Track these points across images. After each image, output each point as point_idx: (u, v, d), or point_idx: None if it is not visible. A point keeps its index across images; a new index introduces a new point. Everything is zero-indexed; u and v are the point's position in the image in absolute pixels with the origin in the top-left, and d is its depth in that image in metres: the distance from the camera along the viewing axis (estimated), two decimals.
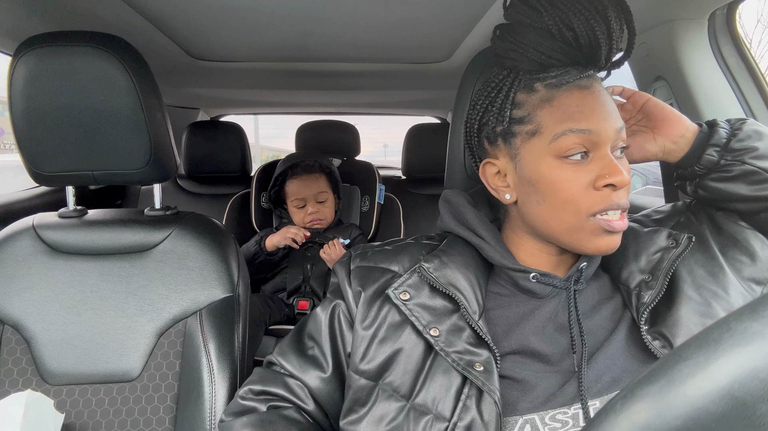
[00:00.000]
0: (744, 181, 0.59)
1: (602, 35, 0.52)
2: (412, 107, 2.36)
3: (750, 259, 0.58)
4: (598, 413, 0.26)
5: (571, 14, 0.52)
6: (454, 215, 0.63)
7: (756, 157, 0.58)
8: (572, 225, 0.54)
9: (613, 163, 0.52)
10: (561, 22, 0.52)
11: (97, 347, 0.79)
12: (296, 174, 1.62)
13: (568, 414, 0.51)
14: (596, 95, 0.53)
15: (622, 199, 0.53)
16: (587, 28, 0.52)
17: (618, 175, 0.51)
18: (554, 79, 0.54)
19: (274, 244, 1.53)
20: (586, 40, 0.52)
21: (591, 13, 0.52)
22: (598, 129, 0.52)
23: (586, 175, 0.53)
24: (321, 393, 0.61)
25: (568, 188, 0.53)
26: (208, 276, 0.82)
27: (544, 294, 0.57)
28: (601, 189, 0.52)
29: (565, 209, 0.54)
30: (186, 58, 1.36)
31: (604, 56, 0.54)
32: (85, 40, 0.75)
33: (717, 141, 0.60)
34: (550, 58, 0.54)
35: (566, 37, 0.53)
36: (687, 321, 0.53)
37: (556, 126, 0.53)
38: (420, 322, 0.54)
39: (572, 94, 0.53)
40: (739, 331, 0.22)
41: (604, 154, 0.52)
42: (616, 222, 0.53)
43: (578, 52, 0.53)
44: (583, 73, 0.54)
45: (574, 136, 0.52)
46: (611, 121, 0.53)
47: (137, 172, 0.82)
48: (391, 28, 1.10)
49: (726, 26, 0.89)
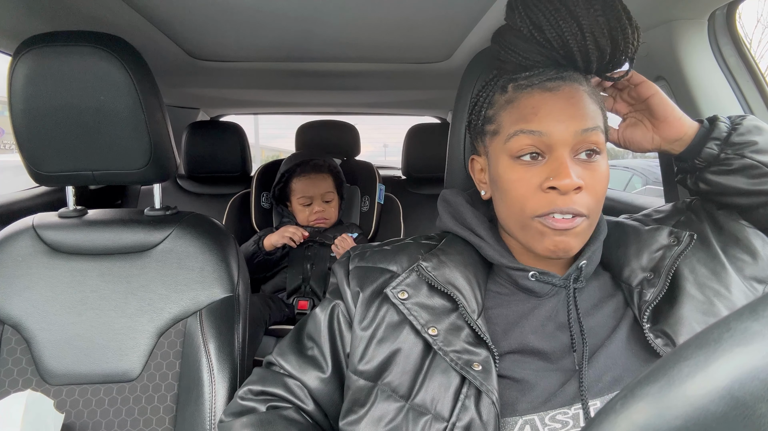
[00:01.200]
0: (743, 175, 0.59)
1: (572, 35, 0.52)
2: (412, 107, 2.36)
3: (751, 258, 0.59)
4: (598, 413, 0.26)
5: (541, 15, 0.52)
6: (452, 215, 0.64)
7: (756, 151, 0.59)
8: (521, 225, 0.55)
9: (562, 166, 0.51)
10: (531, 23, 0.53)
11: (97, 347, 0.79)
12: (305, 172, 1.62)
13: (568, 415, 0.50)
14: (560, 97, 0.52)
15: (569, 204, 0.51)
16: (556, 28, 0.52)
17: (563, 178, 0.50)
18: (524, 80, 0.54)
19: (272, 244, 1.53)
20: (557, 41, 0.52)
21: (561, 14, 0.51)
22: (551, 131, 0.51)
23: (536, 177, 0.53)
24: (320, 394, 0.61)
25: (517, 188, 0.54)
26: (208, 276, 0.82)
27: (543, 292, 0.57)
28: (546, 191, 0.52)
29: (515, 208, 0.54)
30: (186, 58, 1.36)
31: (581, 58, 0.53)
32: (85, 40, 0.75)
33: (717, 135, 0.60)
34: (527, 59, 0.54)
35: (537, 39, 0.53)
36: (690, 319, 0.53)
37: (510, 126, 0.54)
38: (418, 321, 0.54)
39: (533, 96, 0.53)
40: (739, 331, 0.22)
41: (557, 156, 0.52)
42: (558, 222, 0.51)
43: (555, 54, 0.53)
44: (558, 74, 0.54)
45: (525, 137, 0.52)
46: (569, 124, 0.51)
47: (137, 172, 0.82)
48: (391, 28, 1.10)
49: (726, 26, 0.89)
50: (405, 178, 2.03)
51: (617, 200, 1.29)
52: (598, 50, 0.53)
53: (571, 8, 0.51)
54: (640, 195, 2.95)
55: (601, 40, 0.52)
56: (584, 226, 0.53)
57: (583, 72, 0.55)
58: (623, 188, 4.08)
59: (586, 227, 0.53)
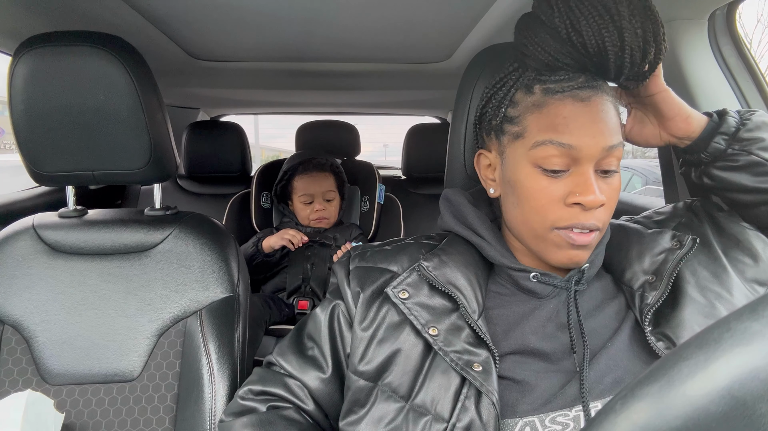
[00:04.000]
0: (748, 172, 0.59)
1: (612, 45, 0.50)
2: (412, 107, 2.36)
3: (753, 260, 0.58)
4: (598, 413, 0.26)
5: (582, 18, 0.50)
6: (454, 214, 0.63)
7: (763, 149, 0.58)
8: (538, 234, 0.55)
9: (588, 182, 0.51)
10: (570, 24, 0.51)
11: (97, 347, 0.79)
12: (307, 170, 1.63)
13: (569, 416, 0.50)
14: (592, 109, 0.51)
15: (590, 220, 0.52)
16: (597, 35, 0.50)
17: (589, 194, 0.50)
18: (554, 83, 0.53)
19: (271, 246, 1.53)
20: (594, 48, 0.51)
21: (604, 21, 0.50)
22: (581, 145, 0.51)
23: (560, 189, 0.52)
24: (320, 394, 0.61)
25: (539, 198, 0.53)
26: (208, 276, 0.82)
27: (544, 293, 0.57)
28: (570, 205, 0.52)
29: (533, 217, 0.54)
30: (186, 58, 1.36)
31: (614, 68, 0.52)
32: (85, 40, 0.75)
33: (726, 130, 0.59)
34: (557, 60, 0.53)
35: (574, 42, 0.51)
36: (691, 322, 0.53)
37: (539, 134, 0.53)
38: (419, 321, 0.54)
39: (564, 104, 0.52)
40: (739, 331, 0.22)
41: (583, 171, 0.51)
42: (578, 237, 0.52)
43: (587, 60, 0.52)
44: (588, 83, 0.52)
45: (554, 148, 0.51)
46: (599, 139, 0.51)
47: (137, 172, 0.82)
48: (391, 29, 1.10)
49: (726, 26, 0.89)
50: (405, 178, 2.03)
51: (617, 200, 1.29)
52: (631, 62, 0.51)
53: (615, 17, 0.50)
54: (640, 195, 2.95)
55: (636, 53, 0.51)
56: (596, 240, 0.54)
57: (618, 81, 0.54)
58: (623, 188, 4.08)
59: (598, 239, 0.54)
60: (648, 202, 1.22)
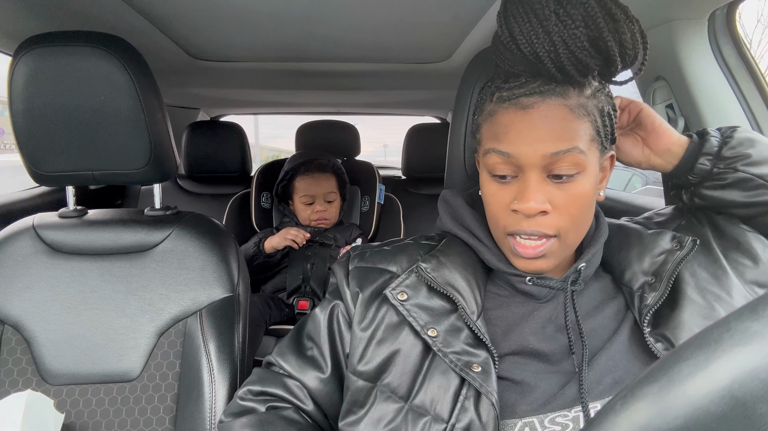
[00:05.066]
0: (738, 188, 0.59)
1: (543, 50, 0.49)
2: (412, 107, 2.36)
3: (752, 262, 0.58)
4: (598, 413, 0.26)
5: (515, 26, 0.50)
6: (452, 215, 0.63)
7: (749, 164, 0.58)
8: (498, 238, 0.57)
9: (527, 190, 0.51)
10: (509, 33, 0.51)
11: (97, 347, 0.79)
12: (309, 171, 1.63)
13: (568, 417, 0.50)
14: (533, 116, 0.50)
15: (533, 227, 0.51)
16: (528, 41, 0.50)
17: (525, 202, 0.50)
18: (506, 91, 0.53)
19: (273, 246, 1.53)
20: (532, 55, 0.50)
21: (533, 26, 0.49)
22: (518, 153, 0.51)
23: (507, 195, 0.53)
24: (320, 394, 0.61)
25: (492, 203, 0.55)
26: (208, 276, 0.82)
27: (541, 295, 0.57)
28: (513, 212, 0.52)
29: (492, 222, 0.57)
30: (186, 58, 1.36)
31: (557, 71, 0.50)
32: (85, 40, 0.75)
33: (709, 150, 0.60)
34: (513, 68, 0.53)
35: (513, 50, 0.51)
36: (690, 323, 0.53)
37: (486, 142, 0.54)
38: (418, 322, 0.54)
39: (508, 113, 0.52)
40: (739, 331, 0.22)
41: (526, 178, 0.51)
42: (523, 249, 0.53)
43: (532, 65, 0.51)
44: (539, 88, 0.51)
45: (496, 156, 0.52)
46: (538, 146, 0.50)
47: (137, 172, 0.82)
48: (391, 29, 1.10)
49: (726, 26, 0.89)
50: (405, 178, 2.03)
51: (617, 200, 1.29)
52: (577, 62, 0.49)
53: (543, 21, 0.49)
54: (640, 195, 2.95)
55: (580, 53, 0.49)
56: (555, 247, 0.53)
57: (570, 83, 0.51)
58: (623, 188, 4.08)
59: (559, 246, 0.53)
60: (648, 202, 1.22)
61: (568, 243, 0.54)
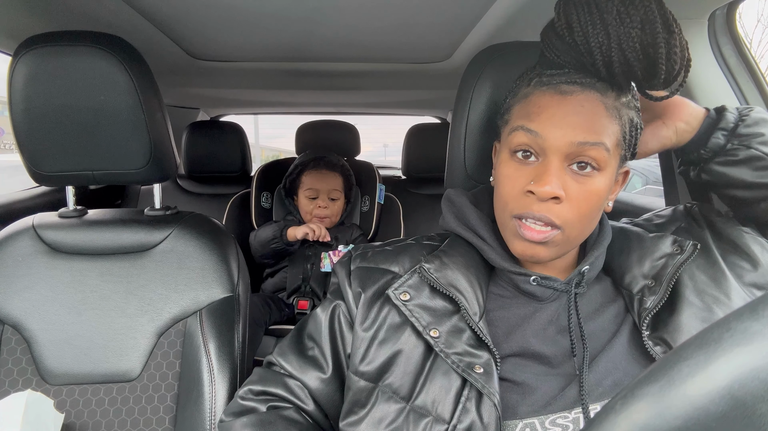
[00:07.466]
0: (748, 166, 0.59)
1: (596, 44, 0.50)
2: (412, 107, 2.36)
3: (751, 265, 0.58)
4: (598, 413, 0.26)
5: (574, 15, 0.51)
6: (456, 215, 0.63)
7: (763, 143, 0.58)
8: (502, 222, 0.56)
9: (547, 173, 0.50)
10: (565, 22, 0.51)
11: (97, 347, 0.79)
12: (317, 167, 1.64)
13: (568, 419, 0.50)
14: (569, 102, 0.51)
15: (542, 211, 0.51)
16: (584, 32, 0.50)
17: (543, 185, 0.50)
18: (547, 77, 0.54)
19: (295, 236, 1.54)
20: (584, 46, 0.51)
21: (593, 19, 0.49)
22: (547, 135, 0.51)
23: (524, 177, 0.53)
24: (321, 394, 0.61)
25: (506, 184, 0.54)
26: (208, 276, 0.82)
27: (544, 296, 0.57)
28: (526, 193, 0.52)
29: (499, 204, 0.56)
30: (186, 58, 1.36)
31: (604, 68, 0.51)
32: (85, 40, 0.75)
33: (725, 125, 0.59)
34: (560, 58, 0.53)
35: (567, 40, 0.52)
36: (689, 326, 0.53)
37: (515, 120, 0.54)
38: (420, 323, 0.54)
39: (545, 96, 0.53)
40: (739, 331, 0.22)
41: (546, 162, 0.51)
42: (528, 231, 0.52)
43: (582, 57, 0.52)
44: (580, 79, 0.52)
45: (523, 134, 0.52)
46: (567, 132, 0.50)
47: (137, 172, 0.82)
48: (391, 28, 1.10)
49: (726, 26, 0.89)
50: (405, 178, 2.03)
51: (617, 200, 1.29)
52: (625, 63, 0.50)
53: (604, 15, 0.49)
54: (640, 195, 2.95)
55: (630, 53, 0.49)
56: (558, 239, 0.52)
57: (611, 83, 0.52)
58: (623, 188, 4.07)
59: (561, 240, 0.53)
60: (648, 202, 1.22)
61: (571, 239, 0.54)
